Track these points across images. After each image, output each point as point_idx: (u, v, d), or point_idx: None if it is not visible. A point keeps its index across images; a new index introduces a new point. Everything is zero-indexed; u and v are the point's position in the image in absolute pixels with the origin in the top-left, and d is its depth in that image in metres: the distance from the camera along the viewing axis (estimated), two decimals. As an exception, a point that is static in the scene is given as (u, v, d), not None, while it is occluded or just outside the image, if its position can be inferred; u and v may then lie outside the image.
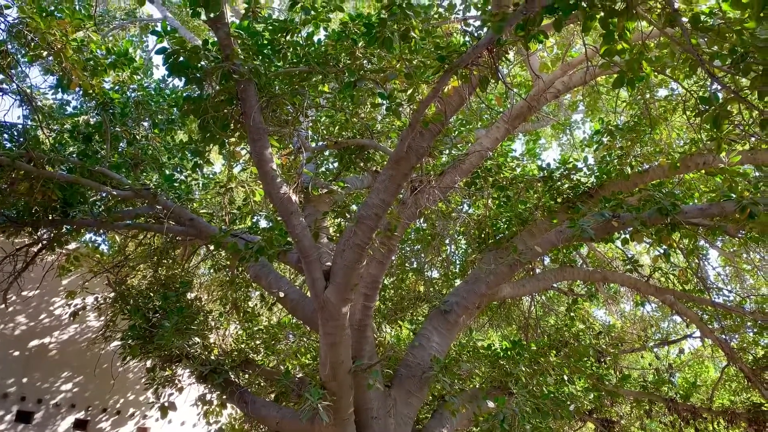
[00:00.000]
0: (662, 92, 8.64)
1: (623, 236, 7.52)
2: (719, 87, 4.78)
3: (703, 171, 7.87)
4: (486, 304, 7.97)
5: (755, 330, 8.41)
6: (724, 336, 8.37)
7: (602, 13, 4.30)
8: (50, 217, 7.79)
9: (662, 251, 7.12)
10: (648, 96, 8.05)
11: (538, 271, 8.70)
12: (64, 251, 8.87)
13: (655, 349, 10.63)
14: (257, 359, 8.52)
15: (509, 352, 7.66)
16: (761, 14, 3.86)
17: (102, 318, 9.55)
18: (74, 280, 10.20)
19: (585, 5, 4.25)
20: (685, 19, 4.43)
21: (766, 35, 3.99)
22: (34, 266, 8.69)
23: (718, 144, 6.03)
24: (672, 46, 5.33)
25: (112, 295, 9.00)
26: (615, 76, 4.93)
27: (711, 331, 8.36)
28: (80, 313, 9.47)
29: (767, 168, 7.41)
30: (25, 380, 9.40)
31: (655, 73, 6.61)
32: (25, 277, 8.61)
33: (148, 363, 8.34)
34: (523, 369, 7.24)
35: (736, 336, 8.81)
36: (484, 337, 12.75)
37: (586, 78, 7.05)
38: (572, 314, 9.41)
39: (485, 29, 4.88)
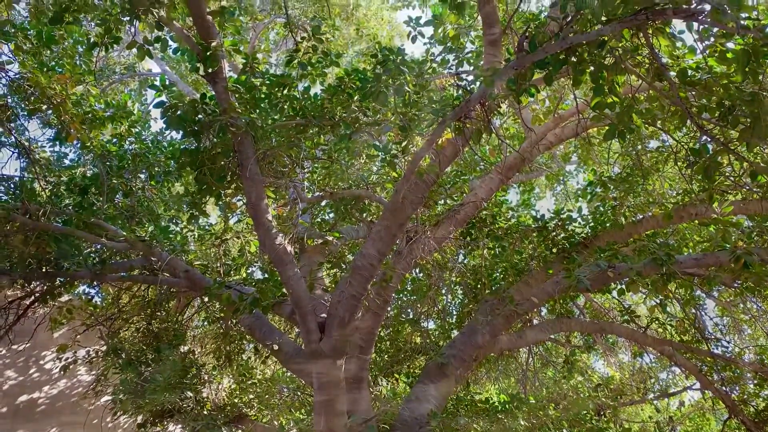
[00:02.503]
0: (653, 143, 8.76)
1: (619, 287, 7.49)
2: (709, 139, 4.86)
3: (696, 221, 7.91)
4: (483, 356, 7.87)
5: (755, 381, 8.31)
6: (724, 388, 8.25)
7: (592, 68, 4.40)
8: (44, 270, 7.74)
9: (659, 301, 7.10)
10: (639, 147, 8.16)
11: (535, 322, 8.63)
12: (56, 304, 8.77)
13: (655, 402, 10.46)
14: (251, 414, 8.34)
15: (507, 406, 7.53)
16: (746, 69, 3.96)
17: (93, 372, 9.37)
18: (66, 333, 10.06)
19: (574, 60, 4.36)
20: (672, 74, 4.54)
21: (751, 89, 4.08)
22: (26, 319, 8.58)
23: (710, 194, 6.10)
24: (661, 100, 5.45)
25: (105, 348, 8.87)
26: (606, 128, 5.02)
27: (711, 383, 8.25)
28: (71, 366, 9.30)
29: (759, 218, 7.45)
30: (12, 437, 9.16)
31: (646, 125, 6.72)
32: (16, 330, 8.49)
33: (139, 418, 8.15)
34: (522, 423, 7.10)
35: (737, 387, 8.69)
36: (481, 391, 12.54)
37: (578, 130, 7.16)
38: (570, 366, 9.29)
39: (478, 83, 4.99)
